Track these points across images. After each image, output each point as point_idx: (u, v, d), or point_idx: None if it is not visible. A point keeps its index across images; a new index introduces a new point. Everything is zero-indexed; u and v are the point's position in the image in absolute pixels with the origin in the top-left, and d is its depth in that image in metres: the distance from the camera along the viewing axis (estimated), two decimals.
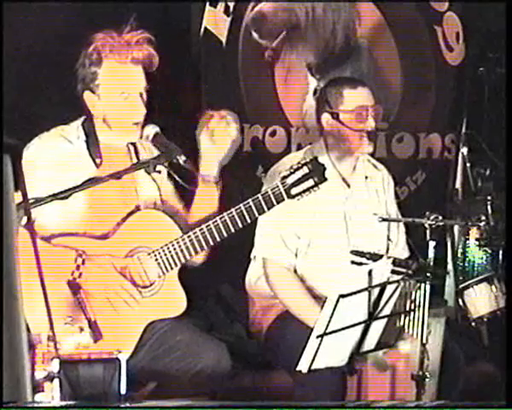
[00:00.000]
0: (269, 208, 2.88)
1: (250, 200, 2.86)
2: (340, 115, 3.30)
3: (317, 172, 2.86)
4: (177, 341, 2.92)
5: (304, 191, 2.87)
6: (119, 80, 2.88)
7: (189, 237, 2.86)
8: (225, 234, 2.86)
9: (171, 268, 2.87)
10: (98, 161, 2.92)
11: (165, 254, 2.85)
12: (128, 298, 2.82)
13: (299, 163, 2.88)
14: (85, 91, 2.91)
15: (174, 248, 2.85)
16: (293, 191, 2.86)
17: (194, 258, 2.90)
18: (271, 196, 2.86)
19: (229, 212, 2.86)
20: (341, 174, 3.39)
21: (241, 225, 2.86)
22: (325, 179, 2.87)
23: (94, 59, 2.87)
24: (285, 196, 2.86)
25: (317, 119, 3.40)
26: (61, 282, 2.79)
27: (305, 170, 2.86)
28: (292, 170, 2.87)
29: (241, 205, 2.86)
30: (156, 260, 2.85)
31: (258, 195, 2.87)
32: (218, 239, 2.87)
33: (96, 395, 2.35)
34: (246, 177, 4.21)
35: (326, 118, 3.35)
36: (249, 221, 2.87)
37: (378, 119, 3.37)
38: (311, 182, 2.86)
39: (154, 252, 2.86)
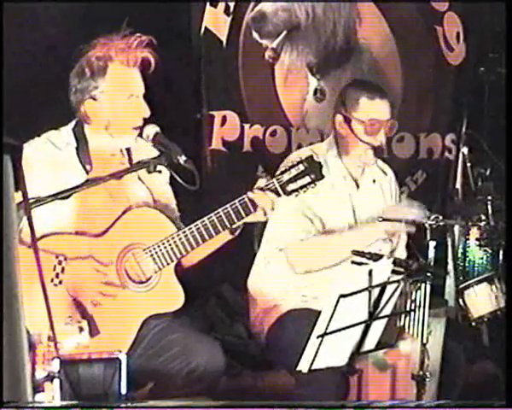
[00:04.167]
0: None
1: (244, 196, 2.86)
2: (352, 122, 3.29)
3: (314, 170, 2.89)
4: (171, 339, 2.91)
5: (300, 188, 2.88)
6: (124, 83, 2.91)
7: (184, 232, 2.86)
8: (221, 229, 2.86)
9: (167, 264, 2.86)
10: (88, 167, 2.93)
11: (161, 250, 2.85)
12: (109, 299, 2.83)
13: (294, 161, 2.89)
14: (86, 100, 2.91)
15: (169, 245, 2.85)
16: (290, 188, 2.87)
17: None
18: (267, 191, 2.86)
19: (224, 208, 2.85)
20: (352, 175, 3.38)
21: (236, 221, 2.86)
22: (322, 177, 2.89)
23: (97, 66, 2.88)
24: (281, 192, 2.87)
25: (333, 117, 3.38)
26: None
27: (301, 168, 2.88)
28: (287, 167, 2.88)
29: (235, 201, 2.86)
30: (152, 256, 2.85)
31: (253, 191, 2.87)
32: (214, 235, 2.86)
33: (96, 395, 2.35)
34: (246, 177, 4.21)
35: (339, 119, 3.33)
36: (244, 217, 2.86)
37: (390, 134, 3.37)
38: (307, 179, 2.88)
39: (149, 248, 2.86)
